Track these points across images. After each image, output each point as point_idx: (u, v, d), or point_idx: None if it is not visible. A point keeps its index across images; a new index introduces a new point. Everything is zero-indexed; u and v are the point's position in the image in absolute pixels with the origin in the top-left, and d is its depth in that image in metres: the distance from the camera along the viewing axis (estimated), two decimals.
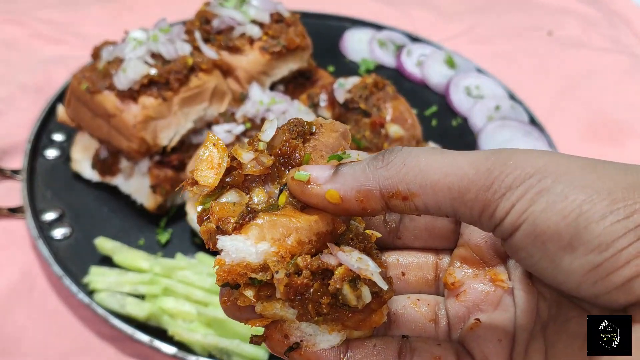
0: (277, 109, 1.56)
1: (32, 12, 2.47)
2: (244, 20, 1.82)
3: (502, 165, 0.59)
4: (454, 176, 0.60)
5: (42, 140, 1.93)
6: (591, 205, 0.55)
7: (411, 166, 0.62)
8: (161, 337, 1.47)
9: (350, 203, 0.64)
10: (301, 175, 0.65)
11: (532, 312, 0.68)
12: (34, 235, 1.65)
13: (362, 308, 0.64)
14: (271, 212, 0.66)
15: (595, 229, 0.54)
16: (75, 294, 1.53)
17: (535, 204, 0.57)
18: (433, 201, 0.61)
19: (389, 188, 0.62)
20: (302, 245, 0.64)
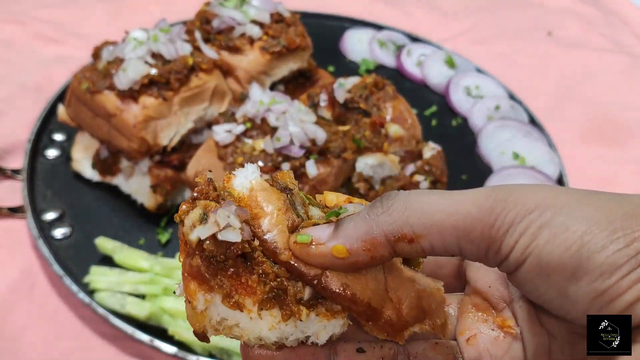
0: (277, 109, 1.56)
1: (32, 12, 2.47)
2: (244, 20, 1.82)
3: (503, 202, 0.60)
4: (457, 215, 0.61)
5: (42, 140, 1.94)
6: (592, 236, 0.57)
7: (413, 208, 0.63)
8: (161, 336, 1.47)
9: (358, 254, 0.64)
10: (303, 238, 0.65)
11: (544, 355, 0.69)
12: (35, 234, 1.65)
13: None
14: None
15: (598, 259, 0.56)
16: (76, 293, 1.53)
17: (538, 238, 0.58)
18: (439, 241, 0.62)
19: (394, 232, 0.63)
20: None
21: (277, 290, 0.67)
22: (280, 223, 0.68)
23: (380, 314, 0.68)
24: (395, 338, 0.70)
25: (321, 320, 0.69)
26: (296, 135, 1.51)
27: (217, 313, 0.68)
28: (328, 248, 0.64)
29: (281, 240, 0.67)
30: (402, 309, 0.69)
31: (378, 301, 0.68)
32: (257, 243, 0.68)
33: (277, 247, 0.67)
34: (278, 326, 0.69)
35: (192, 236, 0.65)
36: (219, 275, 0.67)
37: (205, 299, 0.67)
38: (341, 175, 1.61)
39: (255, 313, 0.68)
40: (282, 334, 0.70)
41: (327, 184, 1.56)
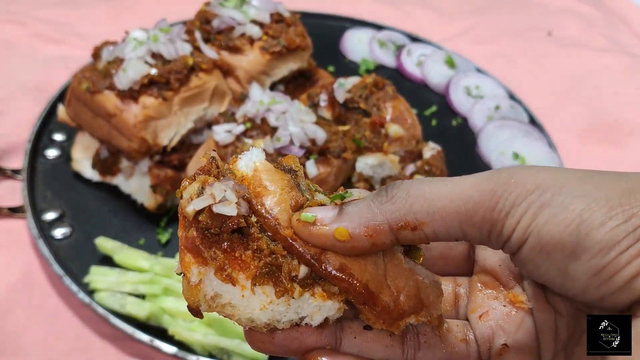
0: (277, 109, 1.56)
1: (32, 12, 2.47)
2: (244, 20, 1.82)
3: (504, 184, 0.61)
4: (459, 200, 0.62)
5: (42, 140, 1.94)
6: (590, 213, 0.58)
7: (416, 196, 0.64)
8: (161, 336, 1.47)
9: (360, 239, 0.65)
10: (307, 217, 0.66)
11: (552, 331, 0.70)
12: (35, 234, 1.65)
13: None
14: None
15: (596, 235, 0.57)
16: (76, 293, 1.53)
17: (538, 217, 0.60)
18: (442, 227, 0.63)
19: (397, 220, 0.64)
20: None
21: (272, 266, 0.68)
22: (284, 201, 0.68)
23: (377, 299, 0.68)
24: (391, 327, 0.69)
25: (316, 300, 0.69)
26: (296, 135, 1.51)
27: (211, 288, 0.68)
28: (331, 230, 0.65)
29: (283, 217, 0.67)
30: (399, 298, 0.69)
31: (376, 286, 0.68)
32: (255, 220, 0.68)
33: (278, 223, 0.67)
34: (270, 306, 0.69)
35: (188, 208, 0.67)
36: (214, 248, 0.67)
37: (199, 272, 0.68)
38: (341, 175, 1.61)
39: (249, 289, 0.68)
40: (274, 315, 0.69)
41: (327, 184, 1.56)
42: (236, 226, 0.66)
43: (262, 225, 0.69)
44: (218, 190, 0.67)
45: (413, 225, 0.64)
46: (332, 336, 0.71)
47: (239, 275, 0.68)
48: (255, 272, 0.68)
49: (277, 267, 0.68)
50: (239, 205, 0.67)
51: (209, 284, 0.68)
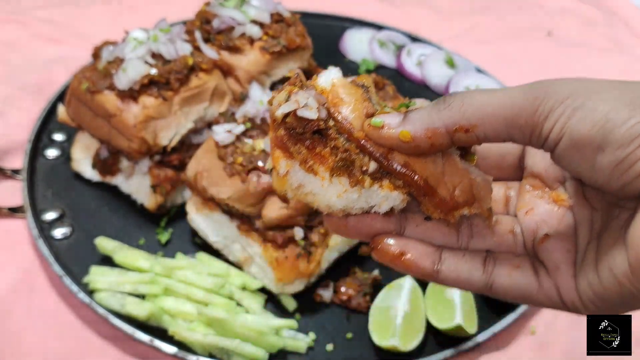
0: None
1: (32, 12, 2.47)
2: (244, 20, 1.82)
3: (544, 92, 0.73)
4: (506, 106, 0.74)
5: (42, 140, 1.94)
6: (615, 113, 0.68)
7: (469, 104, 0.76)
8: (161, 336, 1.47)
9: (420, 140, 0.77)
10: (377, 122, 0.78)
11: (589, 223, 0.81)
12: (34, 234, 1.66)
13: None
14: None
15: (619, 131, 0.68)
16: (76, 293, 1.53)
17: (571, 119, 0.71)
18: (491, 130, 0.75)
19: (452, 124, 0.76)
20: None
21: (346, 161, 0.82)
22: (357, 110, 0.82)
23: (435, 192, 0.82)
24: (447, 217, 0.83)
25: (384, 191, 0.83)
26: None
27: (296, 179, 0.83)
28: (396, 132, 0.78)
29: (356, 123, 0.81)
30: (454, 192, 0.83)
31: (434, 181, 0.82)
32: (333, 124, 0.82)
33: (352, 127, 0.81)
34: (345, 195, 0.83)
35: (277, 112, 0.82)
36: (298, 144, 0.82)
37: (286, 164, 0.82)
38: None
39: (327, 180, 0.83)
40: (348, 203, 0.83)
41: None
42: (317, 127, 0.81)
43: (338, 130, 0.83)
44: (302, 98, 0.82)
45: (466, 127, 0.76)
46: (397, 223, 0.84)
47: (319, 168, 0.83)
48: (332, 165, 0.83)
49: (351, 162, 0.82)
50: (319, 110, 0.82)
51: (294, 175, 0.83)
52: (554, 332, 1.58)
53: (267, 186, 1.50)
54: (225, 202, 1.54)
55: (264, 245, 1.57)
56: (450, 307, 1.50)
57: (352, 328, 1.58)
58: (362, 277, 1.65)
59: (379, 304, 1.55)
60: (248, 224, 1.60)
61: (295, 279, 1.57)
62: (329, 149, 0.83)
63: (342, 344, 1.55)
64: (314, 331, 1.57)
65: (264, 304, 1.60)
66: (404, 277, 1.60)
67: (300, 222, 1.55)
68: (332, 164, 0.84)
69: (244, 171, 1.51)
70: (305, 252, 1.55)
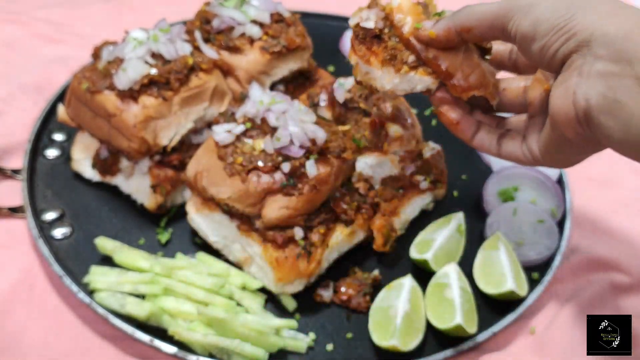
0: (277, 109, 1.56)
1: (32, 12, 2.47)
2: (244, 20, 1.83)
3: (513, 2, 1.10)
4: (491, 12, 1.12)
5: (42, 140, 1.94)
6: (546, 13, 1.05)
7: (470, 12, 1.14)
8: (161, 336, 1.48)
9: (441, 37, 1.16)
10: (419, 25, 1.19)
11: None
12: (34, 234, 1.66)
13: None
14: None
15: (543, 25, 1.04)
16: (76, 293, 1.53)
17: (521, 20, 1.08)
18: (483, 30, 1.14)
19: (459, 26, 1.15)
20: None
21: (392, 55, 1.24)
22: (411, 20, 1.22)
23: (453, 77, 1.21)
24: (462, 95, 1.23)
25: (419, 75, 1.23)
26: (296, 135, 1.51)
27: (362, 69, 1.28)
28: (427, 32, 1.18)
29: (407, 28, 1.21)
30: (469, 78, 1.21)
31: (453, 68, 1.20)
32: (388, 31, 1.26)
33: (404, 30, 1.22)
34: (392, 80, 1.26)
35: (350, 22, 1.29)
36: (361, 45, 1.28)
37: (354, 58, 1.29)
38: (341, 175, 1.61)
39: (379, 69, 1.26)
40: (396, 85, 1.27)
41: (327, 184, 1.56)
42: (373, 34, 1.26)
43: (394, 34, 1.25)
44: (365, 14, 1.28)
45: (467, 29, 1.14)
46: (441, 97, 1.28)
47: (374, 60, 1.26)
48: (382, 58, 1.26)
49: (394, 56, 1.24)
50: (376, 23, 1.26)
51: (361, 65, 1.28)
52: (554, 332, 1.58)
53: (267, 186, 1.51)
54: (225, 202, 1.54)
55: (263, 245, 1.57)
56: (450, 307, 1.51)
57: (352, 328, 1.58)
58: (362, 277, 1.65)
59: (379, 304, 1.55)
60: (248, 224, 1.60)
61: (295, 279, 1.57)
62: (381, 48, 1.27)
63: (342, 343, 1.55)
64: (314, 331, 1.57)
65: (264, 304, 1.60)
66: (404, 277, 1.60)
67: (300, 222, 1.55)
68: (382, 57, 1.27)
69: (244, 171, 1.52)
70: (305, 252, 1.55)
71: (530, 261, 1.69)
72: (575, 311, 1.61)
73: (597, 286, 1.67)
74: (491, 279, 1.61)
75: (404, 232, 1.77)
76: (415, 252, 1.67)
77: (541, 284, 1.64)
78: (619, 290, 1.66)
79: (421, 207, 1.80)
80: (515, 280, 1.58)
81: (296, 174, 1.52)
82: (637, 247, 1.79)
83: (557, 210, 1.80)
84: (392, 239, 1.67)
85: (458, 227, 1.71)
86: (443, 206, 1.84)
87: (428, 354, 1.51)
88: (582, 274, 1.73)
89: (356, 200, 1.65)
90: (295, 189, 1.51)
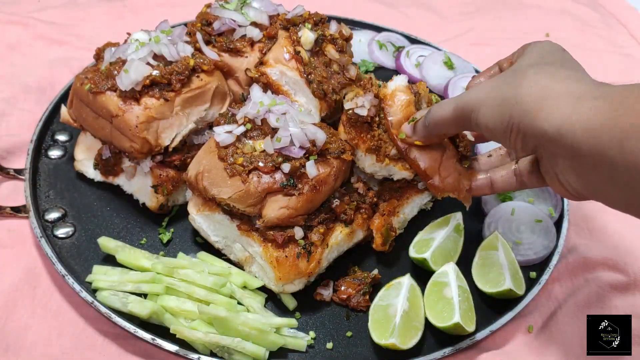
0: (277, 110, 1.57)
1: (35, 14, 2.48)
2: (244, 22, 1.84)
3: (466, 102, 1.30)
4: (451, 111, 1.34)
5: (45, 140, 1.95)
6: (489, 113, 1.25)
7: (434, 108, 1.39)
8: (163, 335, 1.49)
9: (420, 138, 1.48)
10: (402, 131, 1.48)
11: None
12: (37, 234, 1.67)
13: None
14: None
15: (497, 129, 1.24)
16: (78, 292, 1.55)
17: (478, 115, 1.27)
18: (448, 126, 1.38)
19: (431, 123, 1.39)
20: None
21: (377, 146, 1.51)
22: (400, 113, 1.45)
23: (430, 178, 1.45)
24: (437, 194, 1.51)
25: (397, 168, 1.53)
26: (296, 136, 1.52)
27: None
28: (412, 140, 1.44)
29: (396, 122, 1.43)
30: (445, 180, 1.44)
31: (432, 171, 1.42)
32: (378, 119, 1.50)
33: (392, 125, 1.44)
34: (373, 166, 1.56)
35: (345, 105, 1.51)
36: (352, 127, 1.52)
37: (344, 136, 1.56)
38: (340, 176, 1.63)
39: (364, 154, 1.55)
40: (376, 171, 1.58)
41: (327, 184, 1.57)
42: (365, 121, 1.48)
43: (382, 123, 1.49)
44: (360, 100, 1.47)
45: (439, 124, 1.35)
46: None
47: (361, 145, 1.53)
48: (368, 146, 1.51)
49: (379, 147, 1.50)
50: (370, 110, 1.46)
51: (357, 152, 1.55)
52: (551, 331, 1.59)
53: (268, 186, 1.52)
54: (226, 202, 1.56)
55: (264, 245, 1.58)
56: (448, 305, 1.52)
57: (352, 326, 1.60)
58: (362, 276, 1.66)
59: (378, 303, 1.56)
60: (248, 224, 1.61)
61: (295, 278, 1.58)
62: (369, 136, 1.50)
63: (342, 342, 1.57)
64: (314, 330, 1.58)
65: (264, 302, 1.61)
66: (403, 276, 1.61)
67: (300, 221, 1.56)
68: (368, 145, 1.50)
69: (245, 172, 1.53)
70: (305, 251, 1.57)
71: (528, 260, 1.71)
72: (573, 310, 1.62)
73: (594, 285, 1.68)
74: (489, 277, 1.63)
75: (403, 232, 1.78)
76: (414, 251, 1.68)
77: (539, 283, 1.65)
78: (615, 290, 1.67)
79: (420, 207, 1.81)
80: (513, 279, 1.59)
81: (296, 174, 1.53)
82: (633, 247, 1.80)
83: (555, 210, 1.81)
84: (391, 238, 1.69)
85: (456, 227, 1.72)
86: (442, 206, 1.85)
87: (427, 352, 1.52)
88: (580, 273, 1.74)
89: (355, 200, 1.66)
90: (295, 189, 1.52)
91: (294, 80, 1.74)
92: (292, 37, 1.75)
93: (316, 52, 1.76)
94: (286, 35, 1.77)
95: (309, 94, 1.72)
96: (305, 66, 1.71)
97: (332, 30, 1.80)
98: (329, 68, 1.74)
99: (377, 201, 1.71)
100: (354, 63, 1.85)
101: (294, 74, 1.73)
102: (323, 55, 1.76)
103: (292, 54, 1.73)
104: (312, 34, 1.73)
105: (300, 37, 1.74)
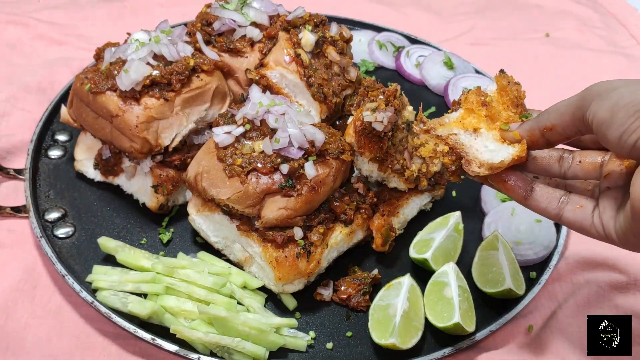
0: (276, 111, 1.57)
1: (35, 14, 2.48)
2: (244, 22, 1.84)
3: (587, 92, 1.09)
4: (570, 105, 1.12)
5: (45, 140, 1.95)
6: (622, 100, 1.00)
7: (550, 109, 1.18)
8: (163, 335, 1.49)
9: (525, 138, 1.25)
10: (505, 127, 1.33)
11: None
12: (37, 234, 1.67)
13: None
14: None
15: (620, 114, 0.99)
16: (78, 292, 1.55)
17: (597, 108, 1.05)
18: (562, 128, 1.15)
19: (542, 126, 1.19)
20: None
21: (382, 159, 1.58)
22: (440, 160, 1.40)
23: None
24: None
25: (397, 179, 1.65)
26: (295, 136, 1.52)
27: (360, 158, 1.63)
28: (511, 132, 1.27)
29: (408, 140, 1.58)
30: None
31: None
32: (391, 134, 1.55)
33: (405, 139, 1.60)
34: (372, 170, 1.63)
35: (363, 115, 1.51)
36: (363, 136, 1.54)
37: (349, 139, 1.60)
38: (340, 176, 1.63)
39: (367, 162, 1.61)
40: (374, 177, 1.66)
41: (326, 185, 1.57)
42: (378, 134, 1.51)
43: (394, 135, 1.59)
44: (380, 116, 1.49)
45: (550, 127, 1.17)
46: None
47: (367, 154, 1.57)
48: (372, 157, 1.57)
49: (383, 160, 1.58)
50: (386, 126, 1.49)
51: (357, 154, 1.62)
52: (551, 331, 1.59)
53: (266, 187, 1.52)
54: (225, 202, 1.56)
55: (263, 245, 1.58)
56: (448, 305, 1.52)
57: (352, 326, 1.60)
58: (362, 276, 1.66)
59: (378, 303, 1.56)
60: (248, 224, 1.61)
61: (295, 278, 1.58)
62: (377, 147, 1.55)
63: (342, 342, 1.57)
64: (314, 329, 1.58)
65: (264, 302, 1.61)
66: (403, 276, 1.61)
67: (298, 222, 1.56)
68: (372, 156, 1.57)
69: (243, 172, 1.53)
70: (305, 251, 1.57)
71: (528, 260, 1.71)
72: (573, 310, 1.62)
73: (594, 285, 1.69)
74: (489, 277, 1.63)
75: (403, 232, 1.78)
76: (414, 251, 1.68)
77: (539, 283, 1.65)
78: (615, 290, 1.68)
79: (420, 207, 1.82)
80: (513, 279, 1.59)
81: (295, 175, 1.53)
82: None
83: None
84: (391, 238, 1.69)
85: (456, 227, 1.72)
86: (441, 206, 1.86)
87: (427, 352, 1.52)
88: (579, 273, 1.74)
89: (355, 200, 1.66)
90: (294, 190, 1.52)
91: (294, 83, 1.74)
92: (293, 39, 1.75)
93: (316, 54, 1.77)
94: (286, 37, 1.77)
95: (309, 96, 1.72)
96: (306, 69, 1.71)
97: (332, 32, 1.80)
98: (330, 70, 1.74)
99: (377, 201, 1.71)
100: (355, 64, 1.85)
101: (294, 76, 1.73)
102: (323, 57, 1.76)
103: (292, 56, 1.73)
104: (312, 36, 1.74)
105: (301, 39, 1.74)
